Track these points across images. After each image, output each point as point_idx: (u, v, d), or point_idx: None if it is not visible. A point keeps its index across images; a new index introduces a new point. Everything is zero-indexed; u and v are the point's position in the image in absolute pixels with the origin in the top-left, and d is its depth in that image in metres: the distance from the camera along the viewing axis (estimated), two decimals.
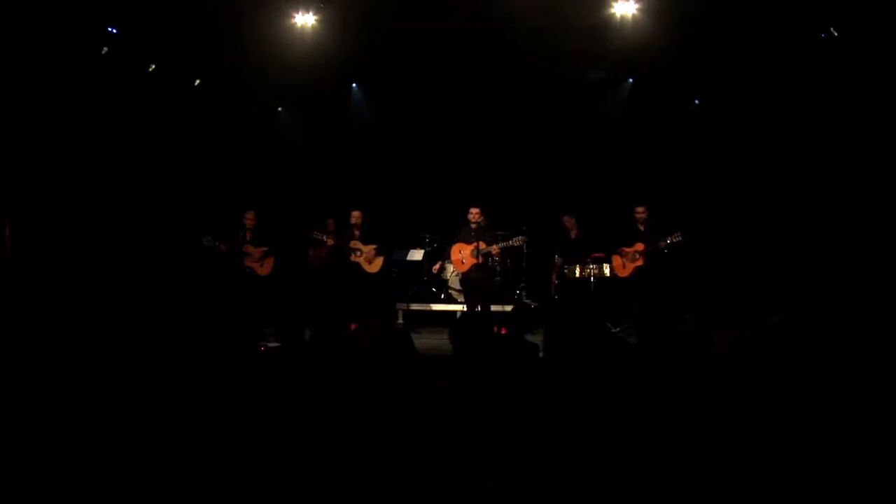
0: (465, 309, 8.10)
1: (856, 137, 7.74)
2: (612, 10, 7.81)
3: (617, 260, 7.93)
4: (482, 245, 7.49)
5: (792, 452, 2.66)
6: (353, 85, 10.06)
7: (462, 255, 7.62)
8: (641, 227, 7.74)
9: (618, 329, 8.28)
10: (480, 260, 7.52)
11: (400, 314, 8.97)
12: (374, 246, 7.98)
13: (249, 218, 7.77)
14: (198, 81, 8.90)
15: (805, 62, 7.99)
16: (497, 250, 7.62)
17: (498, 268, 8.57)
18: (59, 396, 3.43)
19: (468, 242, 7.57)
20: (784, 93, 8.42)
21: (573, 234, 8.70)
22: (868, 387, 3.41)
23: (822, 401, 3.11)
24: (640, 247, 7.64)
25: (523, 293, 9.13)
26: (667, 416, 2.85)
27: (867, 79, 7.42)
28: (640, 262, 7.64)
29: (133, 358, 4.09)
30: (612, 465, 2.65)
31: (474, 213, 7.56)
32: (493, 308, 7.76)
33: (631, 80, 9.51)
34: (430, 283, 9.25)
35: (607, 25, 7.91)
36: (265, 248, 7.74)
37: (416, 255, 9.52)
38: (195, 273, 8.12)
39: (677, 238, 7.37)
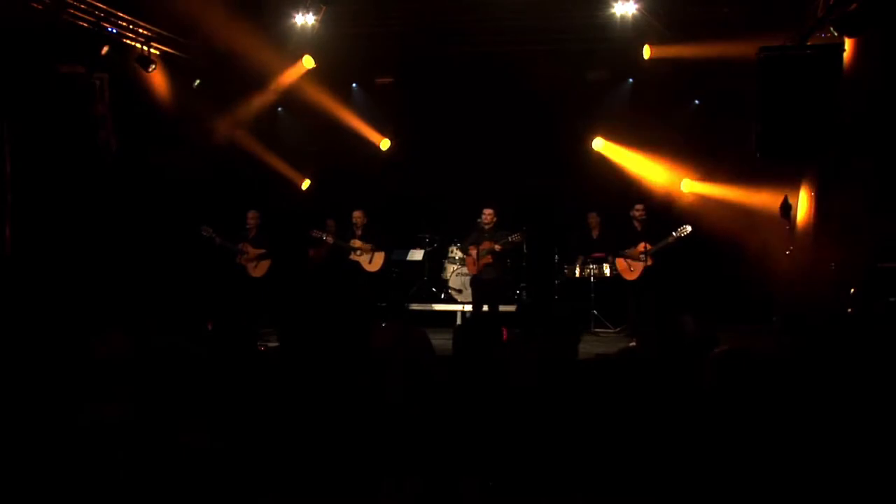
0: (472, 309, 8.02)
1: (856, 136, 7.72)
2: (612, 10, 7.81)
3: (621, 263, 7.62)
4: (486, 245, 7.47)
5: (792, 453, 2.65)
6: (353, 85, 10.05)
7: (474, 257, 7.58)
8: (638, 227, 7.52)
9: (618, 330, 8.28)
10: (491, 260, 7.49)
11: None
12: (372, 244, 7.98)
13: (252, 217, 7.80)
14: (198, 82, 8.89)
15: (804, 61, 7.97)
16: (500, 248, 7.57)
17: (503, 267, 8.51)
18: (59, 395, 3.43)
19: (478, 244, 7.54)
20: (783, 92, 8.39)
21: (595, 233, 8.67)
22: (869, 387, 3.41)
23: (823, 401, 3.11)
24: (645, 247, 7.29)
25: (523, 293, 9.12)
26: (667, 416, 2.85)
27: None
28: (649, 263, 7.30)
29: (131, 356, 4.08)
30: (611, 466, 2.65)
31: (487, 214, 7.53)
32: (500, 308, 7.70)
33: (631, 80, 9.50)
34: (430, 283, 9.23)
35: (607, 25, 7.91)
36: (263, 251, 7.75)
37: (416, 255, 9.51)
38: (194, 269, 8.14)
39: (685, 232, 7.16)
